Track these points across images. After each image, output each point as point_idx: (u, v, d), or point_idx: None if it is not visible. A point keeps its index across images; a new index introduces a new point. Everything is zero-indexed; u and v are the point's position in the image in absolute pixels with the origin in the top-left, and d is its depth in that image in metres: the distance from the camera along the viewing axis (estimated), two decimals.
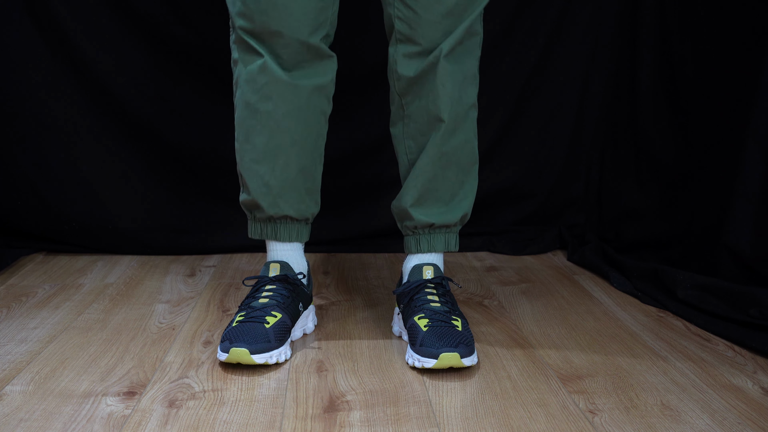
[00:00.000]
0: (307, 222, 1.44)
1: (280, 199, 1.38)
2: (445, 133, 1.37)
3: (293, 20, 1.28)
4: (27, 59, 1.89)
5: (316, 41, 1.32)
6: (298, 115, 1.34)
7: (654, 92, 1.92)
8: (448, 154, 1.38)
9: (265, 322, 1.29)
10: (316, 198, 1.44)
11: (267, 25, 1.28)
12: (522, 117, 2.07)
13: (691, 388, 1.20)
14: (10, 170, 1.94)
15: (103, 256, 1.96)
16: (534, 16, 2.01)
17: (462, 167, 1.41)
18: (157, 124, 1.97)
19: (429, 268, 1.40)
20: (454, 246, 1.45)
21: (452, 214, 1.42)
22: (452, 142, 1.38)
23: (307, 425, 1.09)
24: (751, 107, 1.57)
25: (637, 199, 1.96)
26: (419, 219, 1.41)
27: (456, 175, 1.40)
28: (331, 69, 1.37)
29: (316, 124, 1.38)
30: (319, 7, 1.30)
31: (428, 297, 1.36)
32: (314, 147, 1.40)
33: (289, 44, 1.30)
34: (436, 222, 1.41)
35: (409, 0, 1.32)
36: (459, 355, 1.22)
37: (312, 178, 1.41)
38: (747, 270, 1.56)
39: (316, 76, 1.35)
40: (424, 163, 1.38)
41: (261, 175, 1.36)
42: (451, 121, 1.36)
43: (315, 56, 1.33)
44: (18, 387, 1.20)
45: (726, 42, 1.70)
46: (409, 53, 1.35)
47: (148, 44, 1.93)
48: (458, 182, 1.41)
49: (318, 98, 1.36)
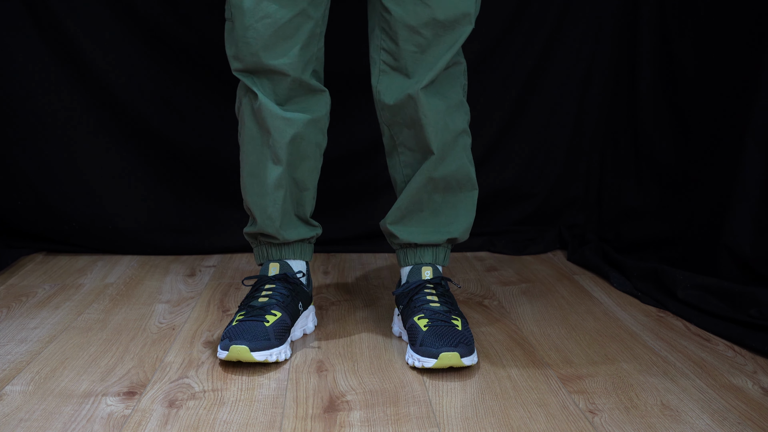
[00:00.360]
0: (310, 242, 1.47)
1: (282, 230, 1.41)
2: (434, 162, 1.39)
3: (284, 59, 1.32)
4: (27, 59, 1.89)
5: (307, 78, 1.35)
6: (294, 147, 1.37)
7: (654, 92, 1.92)
8: (436, 180, 1.40)
9: (265, 320, 1.30)
10: (313, 223, 1.47)
11: (260, 65, 1.32)
12: (522, 117, 2.07)
13: (691, 388, 1.20)
14: (10, 170, 1.94)
15: (103, 256, 1.96)
16: (534, 16, 2.01)
17: (452, 191, 1.42)
18: (157, 124, 1.97)
19: (428, 268, 1.41)
20: (443, 260, 1.46)
21: (436, 235, 1.43)
22: (442, 170, 1.40)
23: (307, 425, 1.09)
24: (751, 107, 1.57)
25: (637, 199, 1.96)
26: (402, 237, 1.43)
27: (443, 197, 1.42)
28: (324, 103, 1.40)
29: (311, 156, 1.41)
30: (305, 45, 1.33)
31: (427, 297, 1.36)
32: (310, 178, 1.42)
33: (282, 81, 1.34)
34: (418, 241, 1.43)
35: (392, 33, 1.33)
36: (459, 354, 1.22)
37: (305, 206, 1.44)
38: (747, 270, 1.56)
39: (309, 111, 1.38)
40: (411, 186, 1.41)
41: (264, 208, 1.39)
42: (439, 150, 1.38)
43: (308, 91, 1.37)
44: (18, 387, 1.20)
45: (726, 42, 1.70)
46: (392, 84, 1.37)
47: (149, 44, 1.93)
48: (446, 204, 1.43)
49: (314, 130, 1.39)
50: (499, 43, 2.01)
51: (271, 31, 1.29)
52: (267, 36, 1.30)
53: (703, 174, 1.76)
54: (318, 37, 1.36)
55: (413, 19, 1.31)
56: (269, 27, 1.29)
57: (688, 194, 1.81)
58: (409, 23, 1.31)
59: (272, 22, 1.29)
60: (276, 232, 1.40)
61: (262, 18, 1.29)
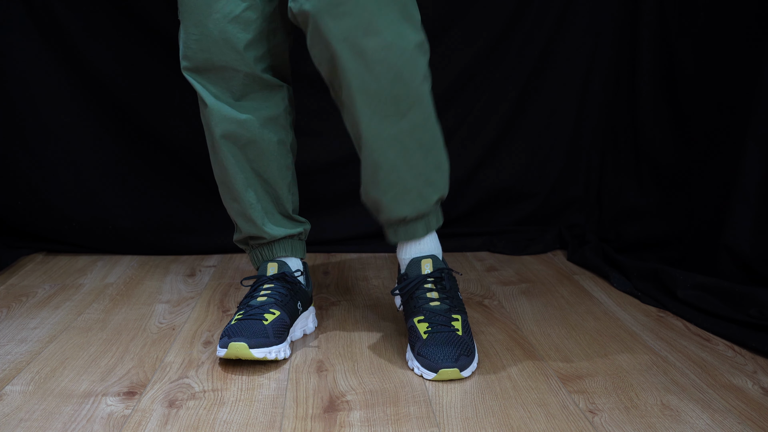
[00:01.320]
0: (300, 238, 1.47)
1: (264, 229, 1.41)
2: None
3: (234, 53, 1.30)
4: (27, 59, 1.89)
5: (259, 72, 1.33)
6: (251, 150, 1.37)
7: (654, 92, 1.93)
8: (401, 137, 1.26)
9: (264, 319, 1.30)
10: (298, 219, 1.46)
11: (209, 62, 1.31)
12: (522, 117, 2.07)
13: (691, 388, 1.20)
14: (10, 170, 1.94)
15: (103, 256, 1.96)
16: (534, 16, 2.01)
17: (425, 147, 1.29)
18: (157, 125, 1.97)
19: (428, 261, 1.36)
20: (435, 224, 1.36)
21: (425, 201, 1.32)
22: (407, 121, 1.25)
23: (307, 425, 1.09)
24: (751, 107, 1.57)
25: (637, 199, 1.96)
26: (389, 216, 1.33)
27: (424, 157, 1.29)
28: (281, 98, 1.39)
29: (276, 154, 1.39)
30: (256, 39, 1.31)
31: (427, 295, 1.35)
32: (280, 176, 1.41)
33: (234, 77, 1.33)
34: (408, 215, 1.33)
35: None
36: (458, 369, 1.22)
37: (284, 203, 1.43)
38: (747, 270, 1.56)
39: (266, 108, 1.37)
40: (375, 148, 1.27)
41: (242, 212, 1.40)
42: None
43: (263, 87, 1.36)
44: (18, 387, 1.20)
45: (726, 42, 1.70)
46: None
47: (149, 44, 1.93)
48: (428, 165, 1.30)
49: (272, 129, 1.38)
50: (499, 43, 2.01)
51: (221, 26, 1.29)
52: (216, 31, 1.29)
53: (703, 174, 1.76)
54: (273, 33, 1.34)
55: None
56: (218, 22, 1.29)
57: (688, 194, 1.81)
58: None
59: (221, 17, 1.29)
60: (260, 231, 1.41)
61: (211, 14, 1.29)
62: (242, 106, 1.35)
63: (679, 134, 1.85)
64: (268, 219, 1.42)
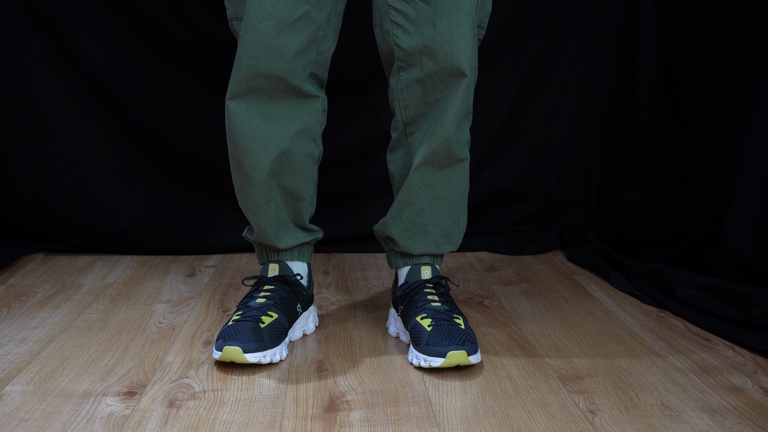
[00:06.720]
0: (309, 244, 1.47)
1: (278, 240, 1.41)
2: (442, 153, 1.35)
3: (282, 62, 1.28)
4: (27, 59, 1.89)
5: (300, 83, 1.31)
6: (281, 161, 1.35)
7: (654, 92, 1.93)
8: (434, 185, 1.38)
9: (261, 321, 1.30)
10: (312, 228, 1.46)
11: (255, 69, 1.28)
12: (522, 117, 2.07)
13: (691, 388, 1.20)
14: (10, 170, 1.94)
15: (103, 256, 1.96)
16: (534, 16, 2.01)
17: (452, 201, 1.40)
18: (157, 124, 1.97)
19: (427, 268, 1.41)
20: (437, 264, 1.46)
21: (438, 248, 1.43)
22: (445, 172, 1.37)
23: (307, 425, 1.09)
24: (751, 107, 1.57)
25: (637, 199, 1.96)
26: (400, 249, 1.43)
27: (448, 210, 1.41)
28: (315, 110, 1.37)
29: (302, 167, 1.38)
30: (305, 47, 1.30)
31: (428, 297, 1.36)
32: (303, 188, 1.39)
33: (275, 84, 1.30)
34: (419, 252, 1.43)
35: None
36: (466, 352, 1.23)
37: (302, 214, 1.42)
38: (747, 270, 1.56)
39: (298, 121, 1.35)
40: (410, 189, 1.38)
41: (257, 223, 1.39)
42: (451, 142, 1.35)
43: (300, 97, 1.33)
44: (18, 387, 1.20)
45: (726, 41, 1.70)
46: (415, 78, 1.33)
47: (149, 44, 1.93)
48: (450, 218, 1.42)
49: (303, 141, 1.36)
50: (499, 44, 2.01)
51: (273, 33, 1.26)
52: (269, 38, 1.26)
53: (703, 174, 1.76)
54: (321, 41, 1.32)
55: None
56: (272, 29, 1.26)
57: (688, 194, 1.81)
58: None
59: (275, 24, 1.26)
60: (272, 242, 1.40)
61: (264, 19, 1.26)
62: (274, 119, 1.33)
63: (679, 134, 1.85)
64: (281, 232, 1.40)
